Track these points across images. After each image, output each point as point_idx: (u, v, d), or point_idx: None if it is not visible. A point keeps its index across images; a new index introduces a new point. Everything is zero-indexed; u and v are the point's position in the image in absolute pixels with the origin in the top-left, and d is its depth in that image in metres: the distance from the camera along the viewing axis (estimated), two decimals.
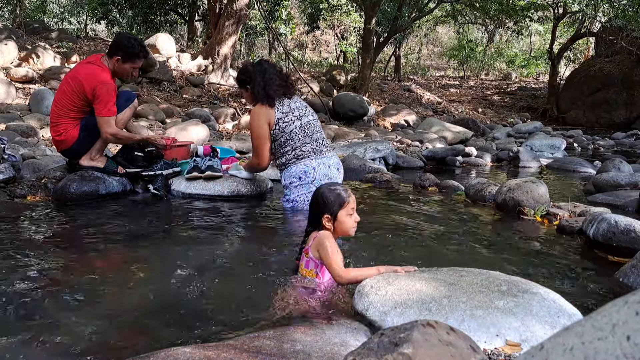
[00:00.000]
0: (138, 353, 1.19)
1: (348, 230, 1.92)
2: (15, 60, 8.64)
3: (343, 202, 1.89)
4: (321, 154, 3.08)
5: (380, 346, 0.93)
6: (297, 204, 3.06)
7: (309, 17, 16.57)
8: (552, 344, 0.56)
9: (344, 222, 1.90)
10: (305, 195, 3.04)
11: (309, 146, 3.05)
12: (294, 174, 3.03)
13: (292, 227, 2.77)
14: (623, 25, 12.72)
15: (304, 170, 3.01)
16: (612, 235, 2.26)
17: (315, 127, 3.14)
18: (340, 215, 1.90)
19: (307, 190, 3.02)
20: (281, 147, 3.04)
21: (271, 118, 3.00)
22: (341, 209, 1.89)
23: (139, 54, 3.23)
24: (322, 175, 3.03)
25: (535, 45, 23.56)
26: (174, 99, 9.06)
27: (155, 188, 3.30)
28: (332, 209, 1.89)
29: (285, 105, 3.05)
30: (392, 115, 11.12)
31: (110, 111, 3.11)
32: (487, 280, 1.53)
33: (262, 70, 3.05)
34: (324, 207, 1.91)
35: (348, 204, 1.90)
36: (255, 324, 1.50)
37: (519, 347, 1.24)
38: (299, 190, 3.04)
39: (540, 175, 5.30)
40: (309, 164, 3.02)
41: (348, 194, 1.93)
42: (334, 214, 1.89)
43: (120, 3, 13.60)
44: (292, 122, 3.03)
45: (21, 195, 3.11)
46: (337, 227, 1.91)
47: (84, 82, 3.10)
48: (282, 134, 3.01)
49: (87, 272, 1.91)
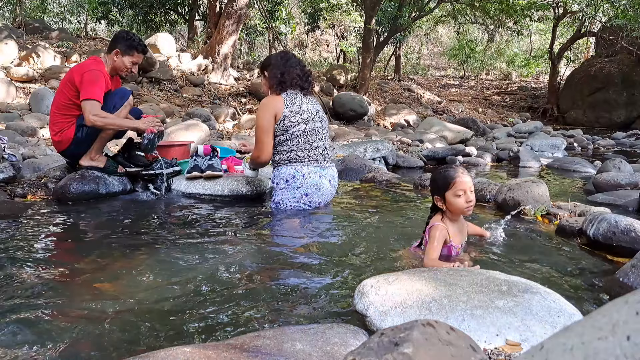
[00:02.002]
0: (138, 353, 1.19)
1: (460, 211, 2.00)
2: (16, 59, 8.64)
3: (448, 183, 1.97)
4: (317, 162, 3.01)
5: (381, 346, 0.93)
6: (279, 206, 3.01)
7: (309, 16, 16.56)
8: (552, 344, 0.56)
9: (452, 203, 1.98)
10: (289, 200, 2.99)
11: (305, 152, 2.98)
12: (282, 176, 2.98)
13: (291, 227, 2.77)
14: (623, 25, 12.71)
15: (293, 174, 2.96)
16: (612, 235, 2.25)
17: (319, 135, 3.05)
18: (448, 196, 1.98)
19: (292, 195, 2.98)
20: (278, 144, 2.99)
21: (278, 111, 2.92)
22: (448, 190, 1.97)
23: (137, 46, 3.25)
24: (309, 184, 2.97)
25: (536, 45, 23.54)
26: (174, 99, 9.06)
27: (155, 187, 3.30)
28: (440, 191, 1.99)
29: (296, 105, 2.97)
30: (392, 115, 11.12)
31: (93, 94, 3.03)
32: (487, 280, 1.53)
33: (286, 58, 3.05)
34: (433, 189, 2.05)
35: (455, 185, 1.96)
36: (255, 324, 1.50)
37: (519, 347, 1.24)
38: (283, 194, 3.00)
39: (541, 175, 5.30)
40: (299, 169, 2.96)
41: (457, 174, 1.97)
42: (442, 195, 1.99)
43: (121, 3, 13.59)
44: (297, 125, 2.95)
45: (21, 195, 3.11)
46: (449, 207, 2.00)
47: (74, 72, 3.15)
48: (283, 132, 2.96)
49: (86, 272, 1.91)
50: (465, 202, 1.97)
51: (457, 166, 2.08)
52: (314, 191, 3.00)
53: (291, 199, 2.98)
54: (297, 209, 2.99)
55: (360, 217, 2.98)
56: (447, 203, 1.99)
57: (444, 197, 1.99)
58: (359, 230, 2.73)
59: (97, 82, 3.07)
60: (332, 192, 3.13)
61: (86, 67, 3.14)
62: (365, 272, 1.92)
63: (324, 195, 3.07)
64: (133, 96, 3.45)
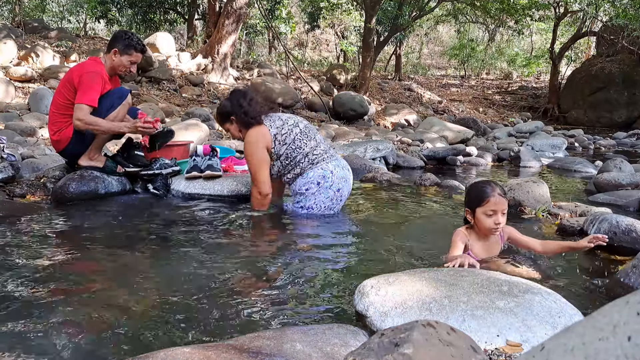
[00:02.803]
0: (138, 353, 1.19)
1: (486, 230, 1.91)
2: (15, 59, 8.63)
3: (482, 200, 1.89)
4: (333, 156, 2.95)
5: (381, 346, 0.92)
6: (313, 210, 2.87)
7: (309, 15, 16.55)
8: (553, 344, 0.56)
9: (480, 220, 1.90)
10: (322, 202, 2.85)
11: (319, 149, 2.89)
12: (312, 180, 2.84)
13: (291, 227, 2.77)
14: (624, 24, 12.71)
15: (322, 174, 2.84)
16: (613, 235, 2.25)
17: (313, 131, 3.01)
18: (478, 212, 1.90)
19: (325, 196, 2.85)
20: (290, 159, 2.86)
21: (268, 138, 2.82)
22: (479, 207, 1.89)
23: (135, 46, 3.25)
24: (339, 178, 2.88)
25: (537, 44, 23.54)
26: (174, 98, 9.06)
27: (154, 187, 3.29)
28: (471, 204, 1.92)
29: (277, 120, 2.90)
30: (393, 115, 11.12)
31: (86, 99, 3.02)
32: (488, 281, 1.52)
33: (241, 95, 2.91)
34: (466, 201, 1.98)
35: (488, 204, 1.87)
36: (255, 324, 1.50)
37: (519, 348, 1.24)
38: (316, 197, 2.85)
39: (541, 175, 5.29)
40: (326, 167, 2.85)
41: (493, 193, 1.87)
42: (473, 210, 1.92)
43: (120, 2, 13.58)
44: (292, 131, 2.88)
45: (20, 195, 3.10)
46: (476, 223, 1.91)
47: (73, 72, 3.15)
48: (285, 146, 2.84)
49: (85, 272, 1.91)
50: (494, 223, 1.88)
51: (496, 185, 1.96)
52: (343, 184, 2.93)
53: (325, 200, 2.86)
54: (331, 208, 2.89)
55: (360, 217, 2.98)
56: (476, 219, 1.91)
57: (474, 212, 1.92)
58: (359, 230, 2.73)
59: (93, 86, 3.07)
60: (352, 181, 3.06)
61: (85, 69, 3.14)
62: (365, 273, 1.92)
63: (349, 186, 3.00)
64: (132, 96, 3.45)
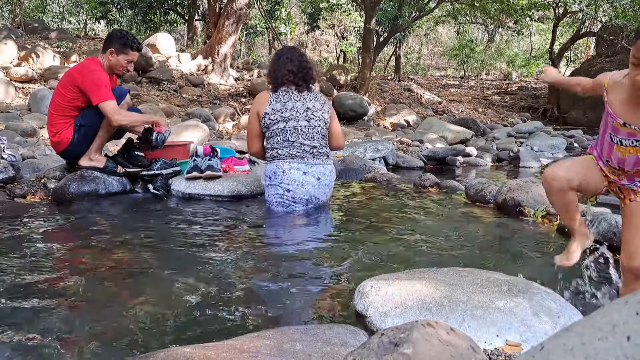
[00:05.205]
0: (138, 353, 1.19)
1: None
2: (15, 59, 8.64)
3: None
4: (301, 159, 2.93)
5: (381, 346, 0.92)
6: (267, 203, 3.03)
7: (309, 16, 16.55)
8: (552, 344, 0.56)
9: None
10: (273, 196, 2.98)
11: (286, 150, 2.93)
12: (267, 173, 3.01)
13: (291, 228, 2.77)
14: (623, 25, 12.72)
15: (274, 171, 2.96)
16: (612, 235, 2.26)
17: (303, 135, 2.92)
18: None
19: (275, 192, 2.97)
20: (266, 141, 3.05)
21: (261, 108, 2.96)
22: None
23: (131, 44, 3.26)
24: (290, 180, 2.92)
25: (536, 45, 23.54)
26: (174, 99, 9.06)
27: (155, 188, 3.29)
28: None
29: (280, 102, 2.93)
30: (392, 115, 11.12)
31: (106, 95, 3.04)
32: (488, 281, 1.53)
33: (279, 54, 3.06)
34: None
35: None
36: (255, 324, 1.50)
37: (519, 347, 1.24)
38: (268, 190, 3.01)
39: (541, 175, 5.29)
40: (280, 165, 2.94)
41: None
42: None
43: (120, 2, 13.59)
44: (276, 123, 2.93)
45: (20, 195, 3.10)
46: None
47: (74, 73, 3.15)
48: (266, 130, 3.00)
49: (85, 272, 1.91)
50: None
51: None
52: (296, 187, 2.93)
53: (275, 195, 2.97)
54: (283, 205, 2.97)
55: (360, 218, 2.98)
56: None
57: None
58: (359, 230, 2.73)
59: (102, 82, 3.08)
60: (322, 190, 3.01)
61: (86, 68, 3.13)
62: (365, 273, 1.92)
63: (310, 192, 2.96)
64: (132, 96, 3.45)
